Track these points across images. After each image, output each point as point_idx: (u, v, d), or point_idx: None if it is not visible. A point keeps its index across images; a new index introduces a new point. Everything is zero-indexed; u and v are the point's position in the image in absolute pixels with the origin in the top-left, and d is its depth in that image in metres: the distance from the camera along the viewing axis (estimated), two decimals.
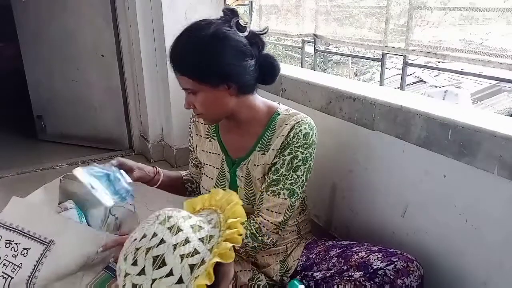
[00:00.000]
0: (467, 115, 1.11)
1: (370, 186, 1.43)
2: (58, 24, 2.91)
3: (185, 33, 1.08)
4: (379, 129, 1.33)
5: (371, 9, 1.99)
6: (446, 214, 1.17)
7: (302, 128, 1.15)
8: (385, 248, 1.13)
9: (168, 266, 0.66)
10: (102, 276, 1.19)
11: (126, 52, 2.81)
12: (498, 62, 1.29)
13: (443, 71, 5.58)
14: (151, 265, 0.66)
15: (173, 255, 0.67)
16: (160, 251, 0.67)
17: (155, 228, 0.70)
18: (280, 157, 1.15)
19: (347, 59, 7.45)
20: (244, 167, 1.22)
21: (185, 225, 0.71)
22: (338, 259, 1.16)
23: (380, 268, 1.05)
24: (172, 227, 0.70)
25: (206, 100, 1.10)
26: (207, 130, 1.30)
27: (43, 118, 3.24)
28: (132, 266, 0.68)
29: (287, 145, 1.14)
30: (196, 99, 1.11)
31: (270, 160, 1.17)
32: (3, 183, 2.58)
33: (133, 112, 2.97)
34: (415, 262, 1.08)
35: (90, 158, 2.94)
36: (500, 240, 1.04)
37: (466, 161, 1.06)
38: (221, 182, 1.27)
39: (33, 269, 1.13)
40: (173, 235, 0.69)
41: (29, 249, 1.15)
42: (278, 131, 1.17)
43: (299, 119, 1.16)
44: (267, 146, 1.18)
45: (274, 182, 1.15)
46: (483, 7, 1.35)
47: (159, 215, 0.74)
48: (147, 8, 2.54)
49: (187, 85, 1.09)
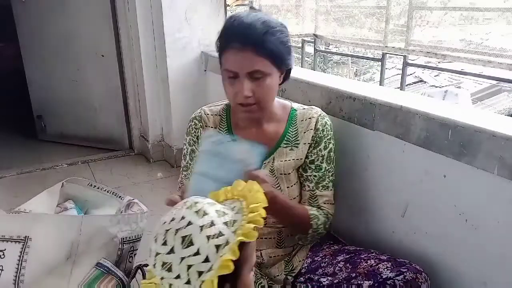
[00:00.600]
0: (467, 115, 1.11)
1: (370, 186, 1.43)
2: (58, 24, 2.91)
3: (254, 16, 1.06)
4: (379, 129, 1.32)
5: (371, 9, 1.99)
6: (446, 214, 1.17)
7: (326, 120, 1.23)
8: (393, 257, 1.13)
9: (195, 245, 0.70)
10: (94, 273, 1.20)
11: (126, 52, 2.81)
12: (498, 62, 1.29)
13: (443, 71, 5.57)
14: (180, 245, 0.70)
15: (200, 236, 0.71)
16: (188, 231, 0.71)
17: (183, 212, 0.74)
18: (317, 153, 1.21)
19: (347, 59, 7.45)
20: (268, 165, 1.21)
21: (210, 209, 0.75)
22: (346, 264, 1.15)
23: (389, 277, 1.05)
24: (198, 211, 0.74)
25: (271, 85, 1.10)
26: (219, 129, 1.27)
27: (43, 118, 3.24)
28: (162, 246, 0.71)
29: (320, 139, 1.21)
30: (260, 84, 1.07)
31: (304, 154, 1.21)
32: (3, 183, 2.58)
33: (133, 112, 2.97)
34: (423, 273, 1.07)
35: (90, 158, 2.94)
36: (500, 240, 1.04)
37: (466, 161, 1.06)
38: None
39: (17, 268, 1.13)
40: (200, 218, 0.73)
41: (4, 250, 1.15)
42: (303, 126, 1.21)
43: (319, 112, 1.23)
44: (294, 142, 1.21)
45: (321, 178, 1.22)
46: (483, 7, 1.35)
47: (186, 201, 0.78)
48: (147, 8, 2.54)
49: (262, 67, 1.06)
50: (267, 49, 1.05)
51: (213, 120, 1.26)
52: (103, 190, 1.52)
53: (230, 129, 1.24)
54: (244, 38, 1.04)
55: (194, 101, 2.63)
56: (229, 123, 1.25)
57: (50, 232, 1.17)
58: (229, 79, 1.10)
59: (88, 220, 1.22)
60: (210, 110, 1.29)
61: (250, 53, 1.04)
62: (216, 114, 1.28)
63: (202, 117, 1.27)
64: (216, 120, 1.26)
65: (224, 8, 2.64)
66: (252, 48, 1.04)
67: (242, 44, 1.04)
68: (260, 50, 1.04)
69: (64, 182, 1.44)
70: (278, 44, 1.06)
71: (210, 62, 2.51)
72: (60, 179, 1.49)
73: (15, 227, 1.17)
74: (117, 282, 1.21)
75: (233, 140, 1.01)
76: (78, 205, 1.50)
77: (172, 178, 2.61)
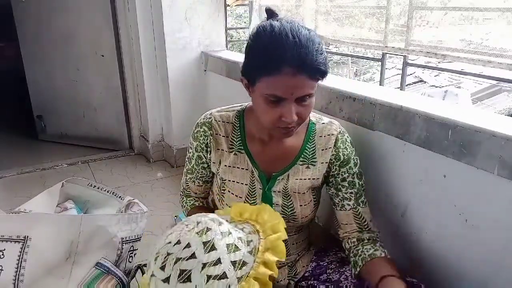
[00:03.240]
0: (467, 115, 1.11)
1: (370, 186, 1.43)
2: (58, 24, 2.91)
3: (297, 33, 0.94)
4: (379, 129, 1.32)
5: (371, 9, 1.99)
6: (446, 214, 1.17)
7: (346, 137, 1.17)
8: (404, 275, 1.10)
9: (192, 283, 0.65)
10: (93, 273, 1.20)
11: (126, 52, 2.81)
12: (498, 62, 1.29)
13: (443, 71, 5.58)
14: (176, 277, 0.66)
15: (200, 274, 0.66)
16: (188, 266, 0.66)
17: (191, 237, 0.69)
18: (347, 171, 1.16)
19: (347, 59, 7.45)
20: (282, 182, 1.14)
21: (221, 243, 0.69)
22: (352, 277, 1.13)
23: None
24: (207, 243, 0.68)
25: (313, 103, 1.01)
26: (230, 143, 1.16)
27: (43, 118, 3.24)
28: (160, 270, 0.68)
29: (348, 158, 1.15)
30: (305, 105, 0.98)
31: (321, 174, 1.15)
32: (3, 183, 2.58)
33: (133, 112, 2.97)
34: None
35: (90, 158, 2.94)
36: (500, 240, 1.04)
37: (466, 161, 1.06)
38: (251, 199, 1.16)
39: (17, 268, 1.13)
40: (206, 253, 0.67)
41: (4, 250, 1.15)
42: (320, 143, 1.15)
43: (338, 128, 1.17)
44: (311, 159, 1.14)
45: (358, 193, 1.17)
46: (483, 7, 1.35)
47: (199, 223, 0.72)
48: (147, 8, 2.54)
49: (311, 90, 0.97)
50: (320, 72, 0.96)
51: (225, 129, 1.16)
52: (103, 190, 1.52)
53: (244, 140, 1.16)
54: (300, 63, 0.92)
55: (194, 101, 2.63)
56: (243, 134, 1.16)
57: (50, 231, 1.17)
58: (271, 102, 0.97)
59: (88, 219, 1.22)
60: (221, 117, 1.17)
61: (305, 78, 0.94)
62: (228, 121, 1.17)
63: (213, 124, 1.16)
64: (228, 129, 1.16)
65: (224, 8, 2.64)
66: (307, 74, 0.94)
67: (297, 70, 0.92)
68: (314, 74, 0.95)
69: (64, 182, 1.44)
70: (326, 62, 0.97)
71: (210, 62, 2.51)
72: (60, 179, 1.49)
73: (15, 227, 1.17)
74: (117, 282, 1.21)
75: None
76: (78, 205, 1.50)
77: (172, 178, 2.62)
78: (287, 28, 0.94)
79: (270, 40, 0.94)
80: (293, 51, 0.91)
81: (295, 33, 0.93)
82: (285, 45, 0.92)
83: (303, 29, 0.96)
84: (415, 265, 1.26)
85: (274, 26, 0.95)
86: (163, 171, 2.71)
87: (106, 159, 2.94)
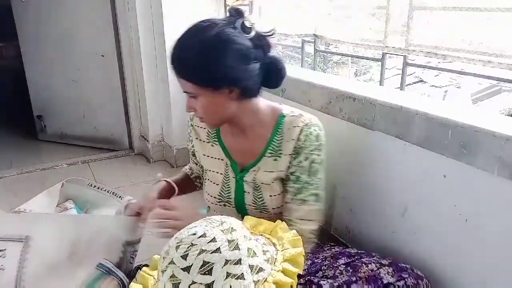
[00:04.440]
0: (467, 115, 1.11)
1: (370, 186, 1.43)
2: (58, 24, 2.91)
3: (186, 34, 1.04)
4: (379, 129, 1.32)
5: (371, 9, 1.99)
6: (446, 214, 1.17)
7: (312, 130, 1.13)
8: (395, 262, 1.13)
9: (212, 277, 0.66)
10: (95, 273, 1.19)
11: (126, 52, 2.81)
12: (498, 62, 1.29)
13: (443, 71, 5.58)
14: (198, 268, 0.66)
15: (221, 269, 0.67)
16: (212, 259, 0.67)
17: (216, 232, 0.70)
18: (297, 165, 1.14)
19: (347, 59, 7.45)
20: (253, 173, 1.19)
21: (243, 245, 0.71)
22: (346, 267, 1.14)
23: (390, 283, 1.04)
24: (231, 241, 0.70)
25: (206, 104, 1.07)
26: (207, 135, 1.27)
27: (43, 118, 3.23)
28: (181, 258, 0.68)
29: (301, 150, 1.13)
30: (197, 102, 1.07)
31: (285, 165, 1.15)
32: (3, 183, 2.58)
33: (133, 112, 2.96)
34: (424, 279, 1.07)
35: (90, 158, 2.94)
36: (500, 240, 1.04)
37: (466, 161, 1.06)
38: (226, 188, 1.24)
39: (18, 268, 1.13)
40: (230, 250, 0.68)
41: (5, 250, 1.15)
42: (287, 135, 1.14)
43: (307, 120, 1.14)
44: (278, 151, 1.15)
45: (299, 190, 1.14)
46: (483, 7, 1.35)
47: (224, 222, 0.73)
48: (147, 8, 2.54)
49: (188, 89, 1.06)
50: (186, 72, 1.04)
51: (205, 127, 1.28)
52: (103, 190, 1.52)
53: (219, 133, 1.24)
54: (171, 61, 1.06)
55: None
56: (218, 130, 1.25)
57: (51, 231, 1.17)
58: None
59: (90, 220, 1.22)
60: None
61: (178, 75, 1.06)
62: None
63: (193, 116, 1.30)
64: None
65: (224, 8, 2.64)
66: (176, 71, 1.06)
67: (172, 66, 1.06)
68: (181, 73, 1.05)
69: (64, 182, 1.44)
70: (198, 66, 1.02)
71: None
72: (60, 179, 1.49)
73: (16, 227, 1.16)
74: (118, 283, 1.21)
75: None
76: (78, 205, 1.50)
77: None
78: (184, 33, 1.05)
79: None
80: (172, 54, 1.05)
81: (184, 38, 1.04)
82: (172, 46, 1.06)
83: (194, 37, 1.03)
84: (415, 265, 1.26)
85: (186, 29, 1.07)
86: (163, 171, 2.71)
87: (106, 159, 2.94)
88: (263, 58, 1.07)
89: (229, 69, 1.01)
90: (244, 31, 1.04)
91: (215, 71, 1.01)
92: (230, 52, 1.00)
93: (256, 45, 1.05)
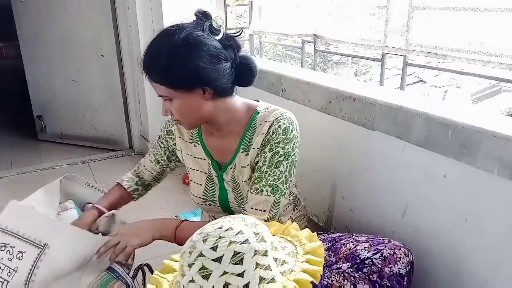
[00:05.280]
0: (467, 115, 1.11)
1: (370, 186, 1.43)
2: (58, 24, 2.91)
3: (155, 40, 1.07)
4: (379, 129, 1.33)
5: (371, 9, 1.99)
6: (446, 214, 1.17)
7: (281, 124, 1.13)
8: (372, 237, 1.12)
9: (243, 266, 0.68)
10: (103, 277, 1.19)
11: (126, 52, 2.81)
12: (498, 62, 1.29)
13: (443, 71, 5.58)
14: (229, 258, 0.68)
15: (251, 260, 0.68)
16: (242, 249, 0.69)
17: (242, 226, 0.72)
18: (261, 155, 1.14)
19: (347, 59, 7.45)
20: (230, 171, 1.21)
21: (268, 239, 0.73)
22: (328, 252, 1.14)
23: (367, 258, 1.04)
24: (257, 234, 0.72)
25: (181, 106, 1.09)
26: (190, 135, 1.29)
27: (43, 118, 3.24)
28: (211, 250, 0.69)
29: (267, 142, 1.13)
30: (172, 105, 1.09)
31: (253, 159, 1.17)
32: (3, 183, 2.58)
33: (133, 112, 2.97)
34: (402, 248, 1.06)
35: (90, 158, 2.94)
36: (500, 240, 1.04)
37: (466, 161, 1.06)
38: (210, 187, 1.26)
39: (29, 273, 1.13)
40: (257, 242, 0.70)
41: (24, 252, 1.14)
42: (259, 129, 1.15)
43: (278, 114, 1.15)
44: (249, 146, 1.17)
45: (257, 179, 1.13)
46: (483, 7, 1.35)
47: (245, 218, 0.76)
48: (147, 8, 2.54)
49: (162, 92, 1.08)
50: (157, 76, 1.07)
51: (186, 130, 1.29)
52: (100, 191, 1.51)
53: (201, 133, 1.27)
54: (143, 66, 1.08)
55: None
56: (200, 127, 1.27)
57: (68, 244, 1.16)
58: None
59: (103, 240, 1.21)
60: None
61: (150, 79, 1.08)
62: None
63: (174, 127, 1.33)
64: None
65: (224, 8, 2.64)
66: (148, 75, 1.08)
67: (143, 71, 1.09)
68: (153, 77, 1.07)
69: (62, 179, 1.44)
70: (169, 69, 1.04)
71: None
72: None
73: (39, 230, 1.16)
74: (124, 286, 1.21)
75: None
76: (78, 206, 1.50)
77: (172, 178, 2.61)
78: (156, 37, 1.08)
79: None
80: (143, 56, 1.08)
81: (154, 43, 1.07)
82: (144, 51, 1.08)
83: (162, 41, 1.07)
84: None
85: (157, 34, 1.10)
86: None
87: (106, 159, 2.94)
88: (233, 58, 1.10)
89: (200, 69, 1.03)
90: (212, 33, 1.08)
91: (186, 72, 1.04)
92: (199, 54, 1.03)
93: (225, 46, 1.08)
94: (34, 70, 3.11)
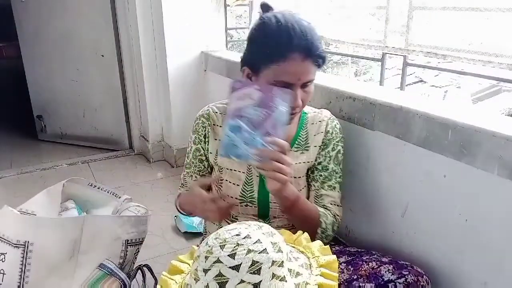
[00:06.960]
0: (467, 115, 1.11)
1: (370, 186, 1.43)
2: (58, 24, 2.91)
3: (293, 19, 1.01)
4: (379, 129, 1.32)
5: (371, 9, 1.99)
6: (446, 214, 1.17)
7: (335, 123, 1.23)
8: (395, 260, 1.13)
9: (260, 276, 0.67)
10: (96, 274, 1.19)
11: (126, 52, 2.81)
12: (498, 62, 1.29)
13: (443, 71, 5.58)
14: (247, 267, 0.67)
15: (269, 270, 0.68)
16: (261, 259, 0.68)
17: (259, 235, 0.71)
18: (325, 155, 1.20)
19: (347, 59, 7.44)
20: None
21: (284, 249, 0.72)
22: (347, 266, 1.14)
23: (390, 280, 1.05)
24: (275, 244, 0.71)
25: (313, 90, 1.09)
26: None
27: (43, 118, 3.24)
28: (229, 257, 0.68)
29: (329, 141, 1.20)
30: (307, 91, 1.06)
31: (314, 156, 1.21)
32: (3, 183, 2.58)
33: (133, 112, 2.97)
34: (424, 276, 1.07)
35: (90, 158, 2.94)
36: (500, 240, 1.04)
37: (466, 161, 1.06)
38: (248, 186, 1.20)
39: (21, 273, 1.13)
40: (275, 252, 0.70)
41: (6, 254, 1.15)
42: (313, 129, 1.21)
43: (328, 115, 1.23)
44: (305, 145, 1.21)
45: (327, 178, 1.20)
46: (483, 7, 1.35)
47: (262, 226, 0.74)
48: (147, 8, 2.54)
49: (313, 76, 1.04)
50: (322, 58, 1.04)
51: (222, 119, 1.20)
52: (103, 190, 1.52)
53: None
54: (307, 49, 1.00)
55: (194, 101, 2.63)
56: None
57: (54, 235, 1.17)
58: None
59: (91, 220, 1.22)
60: (218, 108, 1.22)
61: (310, 64, 1.02)
62: (225, 113, 1.19)
63: (210, 115, 1.21)
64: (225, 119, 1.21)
65: (224, 8, 2.64)
66: (312, 59, 1.01)
67: (304, 56, 1.00)
68: (317, 60, 1.03)
69: (65, 183, 1.44)
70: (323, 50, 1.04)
71: (210, 62, 2.51)
72: (60, 179, 1.48)
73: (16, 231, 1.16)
74: (120, 284, 1.21)
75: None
76: (79, 205, 1.50)
77: (172, 178, 2.62)
78: (291, 19, 1.01)
79: (277, 29, 1.00)
80: (300, 39, 0.99)
81: (299, 22, 1.01)
82: (292, 34, 0.99)
83: (303, 21, 1.03)
84: (415, 265, 1.26)
85: (278, 17, 1.02)
86: (163, 171, 2.71)
87: (106, 159, 2.94)
88: None
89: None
90: None
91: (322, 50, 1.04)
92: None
93: None
94: (34, 70, 3.11)
